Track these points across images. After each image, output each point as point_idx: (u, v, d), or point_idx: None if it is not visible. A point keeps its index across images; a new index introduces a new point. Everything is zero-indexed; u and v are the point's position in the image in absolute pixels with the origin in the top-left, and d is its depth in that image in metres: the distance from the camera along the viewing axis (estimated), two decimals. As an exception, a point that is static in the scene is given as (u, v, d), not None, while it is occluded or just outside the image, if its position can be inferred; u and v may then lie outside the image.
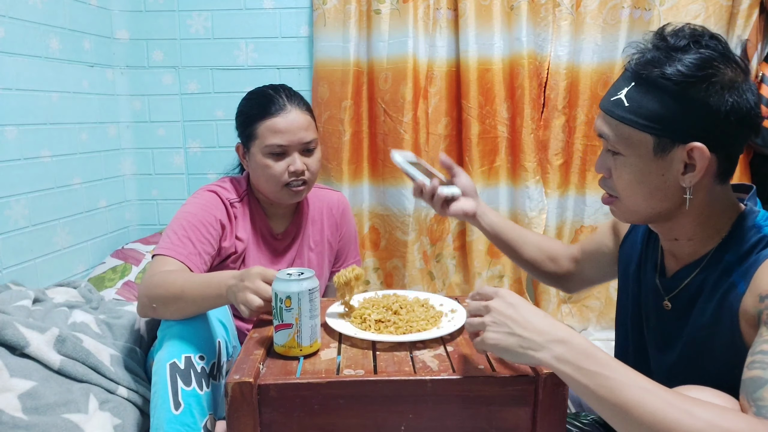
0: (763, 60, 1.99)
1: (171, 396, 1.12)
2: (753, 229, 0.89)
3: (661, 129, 0.86)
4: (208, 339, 1.18)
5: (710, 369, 0.94)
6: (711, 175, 0.89)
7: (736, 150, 0.89)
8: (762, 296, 0.82)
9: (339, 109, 2.13)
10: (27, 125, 1.73)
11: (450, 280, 2.28)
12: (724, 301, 0.89)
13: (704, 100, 0.83)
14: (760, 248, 0.87)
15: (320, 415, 0.88)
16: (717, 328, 0.91)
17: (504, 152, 2.14)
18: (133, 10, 2.19)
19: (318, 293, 0.98)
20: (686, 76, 0.83)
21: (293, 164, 1.39)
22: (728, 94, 0.83)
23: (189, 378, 1.13)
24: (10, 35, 1.66)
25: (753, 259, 0.87)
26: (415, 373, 0.90)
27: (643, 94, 0.88)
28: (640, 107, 0.88)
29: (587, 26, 2.05)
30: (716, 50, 0.85)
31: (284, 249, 1.53)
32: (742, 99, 0.84)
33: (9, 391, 1.10)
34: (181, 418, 1.11)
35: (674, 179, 0.89)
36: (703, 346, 0.94)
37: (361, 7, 2.10)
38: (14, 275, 1.66)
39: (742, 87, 0.84)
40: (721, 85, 0.83)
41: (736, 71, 0.85)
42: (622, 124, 0.90)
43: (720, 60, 0.84)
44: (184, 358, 1.14)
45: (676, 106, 0.85)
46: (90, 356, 1.26)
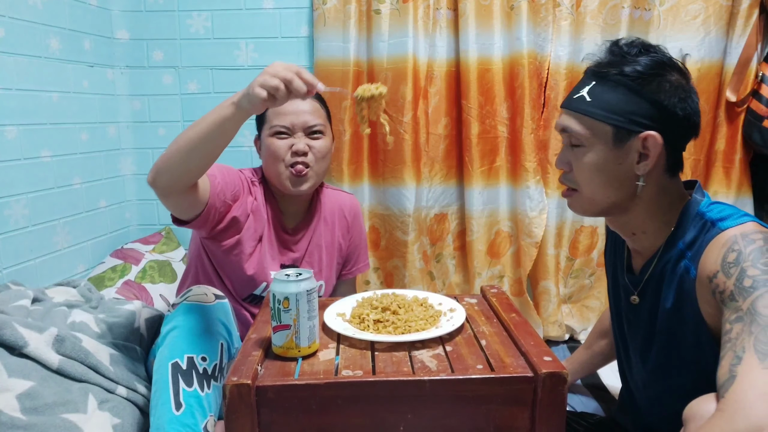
0: (763, 60, 1.98)
1: (172, 396, 1.12)
2: (697, 216, 0.98)
3: (620, 119, 0.97)
4: (210, 340, 1.19)
5: (685, 354, 0.99)
6: (661, 167, 0.99)
7: (681, 145, 1.00)
8: (710, 277, 0.90)
9: (339, 109, 2.13)
10: (27, 125, 1.73)
11: (450, 280, 2.27)
12: (682, 287, 0.97)
13: (656, 96, 0.95)
14: (705, 232, 0.95)
15: (319, 416, 0.88)
16: (682, 314, 0.97)
17: (504, 152, 2.14)
18: (133, 10, 2.19)
19: (316, 294, 0.98)
20: (641, 73, 0.96)
21: (296, 143, 1.42)
22: (676, 93, 0.96)
23: (191, 379, 1.14)
24: (10, 35, 1.66)
25: (699, 243, 0.95)
26: (413, 374, 0.90)
27: (603, 90, 0.99)
28: (601, 101, 0.98)
29: (587, 26, 2.05)
30: (665, 58, 0.98)
31: (293, 244, 1.54)
32: (688, 98, 0.97)
33: (7, 391, 1.10)
34: (182, 418, 1.11)
35: (630, 168, 0.99)
36: (674, 333, 1.00)
37: (361, 7, 2.10)
38: (14, 275, 1.66)
39: (687, 89, 0.97)
40: (670, 85, 0.96)
41: (681, 75, 0.98)
42: (585, 116, 1.00)
43: (668, 65, 0.97)
44: (186, 358, 1.15)
45: (633, 100, 0.96)
46: (89, 356, 1.25)
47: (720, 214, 0.95)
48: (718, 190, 2.10)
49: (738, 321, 0.81)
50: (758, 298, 0.80)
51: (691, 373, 0.99)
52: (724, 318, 0.84)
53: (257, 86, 1.06)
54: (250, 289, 1.48)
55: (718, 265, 0.89)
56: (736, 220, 0.92)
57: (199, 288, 1.28)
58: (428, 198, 2.20)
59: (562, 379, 0.87)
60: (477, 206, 2.15)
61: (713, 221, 0.95)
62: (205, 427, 1.13)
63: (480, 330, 1.09)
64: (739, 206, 2.01)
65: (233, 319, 1.28)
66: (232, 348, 1.25)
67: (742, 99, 2.01)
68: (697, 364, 0.96)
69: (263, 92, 1.05)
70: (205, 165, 1.19)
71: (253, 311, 1.51)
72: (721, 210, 0.96)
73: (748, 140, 2.02)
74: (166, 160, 1.16)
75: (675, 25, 2.00)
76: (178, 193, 1.21)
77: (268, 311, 1.00)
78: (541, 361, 0.90)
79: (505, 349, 1.00)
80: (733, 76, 2.00)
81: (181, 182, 1.18)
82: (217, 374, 1.18)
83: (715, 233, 0.92)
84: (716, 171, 2.10)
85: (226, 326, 1.23)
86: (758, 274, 0.83)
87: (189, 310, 1.21)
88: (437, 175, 2.19)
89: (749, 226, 0.90)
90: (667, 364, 1.03)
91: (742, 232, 0.89)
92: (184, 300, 1.24)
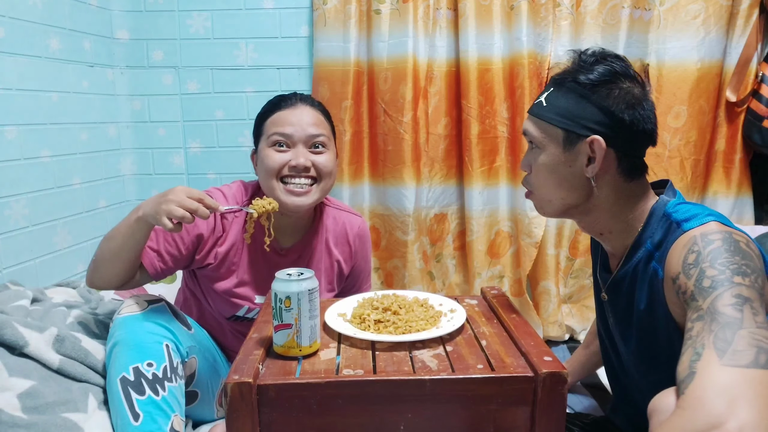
0: (763, 60, 1.99)
1: (128, 409, 1.13)
2: (664, 216, 1.01)
3: (569, 123, 1.01)
4: (152, 345, 1.18)
5: (661, 352, 1.01)
6: (614, 171, 1.02)
7: (635, 151, 1.03)
8: (674, 278, 0.92)
9: (339, 109, 2.13)
10: (27, 125, 1.73)
11: (450, 280, 2.28)
12: (652, 289, 0.99)
13: (605, 102, 0.99)
14: (670, 233, 0.97)
15: (319, 415, 0.88)
16: (654, 314, 1.00)
17: (504, 152, 2.14)
18: (133, 10, 2.19)
19: (318, 294, 0.98)
20: (592, 81, 1.00)
21: (295, 158, 1.31)
22: (624, 100, 0.99)
23: (141, 387, 1.14)
24: (10, 35, 1.66)
25: (665, 244, 0.97)
26: (414, 373, 0.90)
27: (558, 96, 1.04)
28: (555, 106, 1.04)
29: (587, 26, 2.05)
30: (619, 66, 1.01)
31: (286, 265, 1.40)
32: (638, 106, 1.00)
33: (8, 390, 1.10)
34: (142, 427, 1.12)
35: (580, 170, 1.02)
36: (648, 332, 1.02)
37: (361, 7, 2.10)
38: (14, 275, 1.66)
39: (638, 98, 1.00)
40: (620, 92, 0.99)
41: (634, 85, 1.01)
42: (539, 120, 1.06)
43: (621, 74, 1.01)
44: (132, 369, 1.15)
45: (582, 105, 1.01)
46: (89, 356, 1.26)
47: (685, 215, 0.97)
48: (718, 190, 2.10)
49: (699, 320, 0.82)
50: (717, 298, 0.82)
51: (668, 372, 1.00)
52: (687, 317, 0.86)
53: (163, 215, 1.12)
54: (232, 310, 1.43)
55: (680, 267, 0.90)
56: (701, 220, 0.94)
57: (130, 299, 1.26)
58: (428, 198, 2.20)
59: (562, 379, 0.87)
60: (477, 206, 2.15)
61: (678, 222, 0.96)
62: (171, 427, 1.14)
63: (480, 330, 1.09)
64: (739, 206, 2.07)
65: (174, 318, 1.25)
66: (180, 346, 1.23)
67: (742, 99, 2.01)
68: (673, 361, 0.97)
69: (169, 223, 1.13)
70: (130, 267, 1.28)
71: (240, 329, 1.47)
72: (687, 210, 0.98)
73: (748, 140, 2.02)
74: (95, 267, 1.28)
75: (675, 25, 2.00)
76: (118, 287, 1.31)
77: (270, 311, 1.00)
78: (541, 361, 0.90)
79: (506, 349, 1.00)
80: (733, 76, 2.00)
81: (115, 281, 1.29)
82: (170, 375, 1.18)
83: (678, 234, 0.94)
84: (716, 171, 2.10)
85: (166, 327, 1.21)
86: (716, 274, 0.84)
87: (123, 324, 1.20)
88: (437, 175, 2.19)
89: (711, 226, 0.92)
90: (646, 361, 1.06)
91: (702, 233, 0.91)
92: (117, 315, 1.23)
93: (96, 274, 1.28)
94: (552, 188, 1.07)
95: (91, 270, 1.29)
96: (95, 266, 1.28)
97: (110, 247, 1.24)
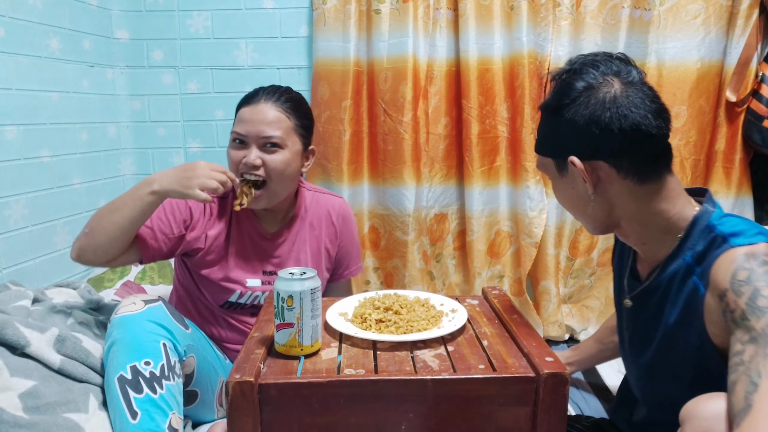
0: (763, 60, 1.99)
1: (126, 407, 1.13)
2: (706, 229, 0.94)
3: (551, 150, 1.02)
4: (149, 343, 1.18)
5: (686, 369, 0.97)
6: (618, 179, 0.96)
7: (630, 152, 0.94)
8: (720, 296, 0.86)
9: (339, 109, 2.13)
10: (27, 125, 1.73)
11: (450, 280, 2.28)
12: (689, 304, 0.93)
13: (568, 119, 0.96)
14: (714, 248, 0.91)
15: (321, 415, 0.88)
16: (685, 330, 0.95)
17: (504, 152, 2.14)
18: (133, 10, 2.19)
19: (320, 293, 0.98)
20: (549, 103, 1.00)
21: (248, 156, 1.36)
22: (595, 109, 0.93)
23: (139, 385, 1.15)
24: (10, 35, 1.66)
25: (708, 259, 0.91)
26: (415, 373, 0.90)
27: (542, 125, 1.05)
28: (540, 137, 1.05)
29: (587, 26, 2.05)
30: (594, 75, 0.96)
31: (273, 250, 1.50)
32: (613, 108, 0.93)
33: (10, 390, 1.10)
34: (140, 425, 1.12)
35: (583, 191, 1.00)
36: (674, 346, 0.98)
37: (361, 6, 2.10)
38: (14, 275, 1.65)
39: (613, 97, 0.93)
40: (588, 102, 0.94)
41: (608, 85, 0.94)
42: (538, 154, 1.07)
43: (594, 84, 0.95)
44: (129, 368, 1.16)
45: (556, 128, 1.00)
46: (90, 356, 1.26)
47: (732, 229, 0.91)
48: (718, 190, 2.10)
49: (751, 342, 0.77)
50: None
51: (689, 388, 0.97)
52: (735, 338, 0.81)
53: (196, 188, 1.20)
54: (225, 296, 1.45)
55: (727, 283, 0.85)
56: (750, 238, 0.88)
57: (127, 299, 1.27)
58: (428, 198, 2.20)
59: (563, 379, 0.87)
60: (477, 206, 2.15)
61: (725, 236, 0.90)
62: (169, 425, 1.14)
63: (482, 330, 1.09)
64: (739, 206, 2.07)
65: (171, 317, 1.26)
66: (178, 345, 1.24)
67: (742, 99, 2.01)
68: (700, 379, 0.94)
69: (202, 194, 1.21)
70: (128, 241, 1.30)
71: (236, 317, 1.49)
72: (734, 224, 0.92)
73: (748, 140, 2.02)
74: (89, 241, 1.28)
75: (675, 25, 2.00)
76: (107, 263, 1.32)
77: (272, 310, 1.00)
78: (543, 362, 0.90)
79: (507, 349, 1.00)
80: (733, 76, 2.01)
81: (108, 256, 1.30)
82: (167, 373, 1.18)
83: (724, 249, 0.88)
84: (716, 171, 2.10)
85: (163, 326, 1.22)
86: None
87: (120, 324, 1.20)
88: (437, 175, 2.19)
89: (761, 247, 0.86)
90: (666, 375, 1.02)
91: (753, 252, 0.85)
92: (115, 314, 1.24)
93: (89, 248, 1.27)
94: (577, 215, 1.06)
95: (83, 243, 1.28)
96: (89, 239, 1.26)
97: (114, 220, 1.25)
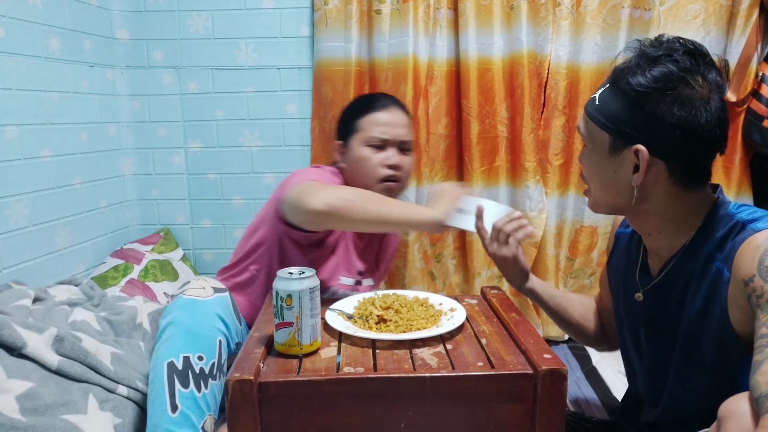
0: (763, 60, 1.99)
1: (168, 398, 1.11)
2: (726, 216, 0.95)
3: (616, 129, 0.95)
4: (208, 338, 1.17)
5: (708, 358, 0.96)
6: (665, 180, 0.95)
7: (691, 161, 0.94)
8: (745, 281, 0.86)
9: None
10: (27, 125, 1.73)
11: (450, 280, 2.28)
12: (713, 290, 0.93)
13: (653, 110, 0.91)
14: (735, 234, 0.91)
15: (320, 413, 0.89)
16: (707, 318, 0.94)
17: (504, 152, 2.14)
18: (133, 10, 2.20)
19: (319, 292, 0.98)
20: (644, 86, 0.92)
21: (391, 158, 1.43)
22: (679, 108, 0.90)
23: (187, 379, 1.13)
24: (10, 35, 1.66)
25: (730, 245, 0.91)
26: (414, 371, 0.91)
27: (610, 96, 0.97)
28: (605, 107, 0.97)
29: (587, 26, 2.05)
30: (682, 68, 0.91)
31: (362, 251, 1.55)
32: (693, 114, 0.90)
33: (7, 392, 1.09)
34: (177, 420, 1.11)
35: (626, 177, 0.97)
36: (699, 337, 0.97)
37: (362, 7, 2.10)
38: (15, 275, 1.65)
39: (698, 104, 0.90)
40: (674, 99, 0.90)
41: (695, 89, 0.91)
42: (589, 120, 1.00)
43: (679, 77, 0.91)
44: (182, 358, 1.14)
45: (632, 111, 0.93)
46: (89, 355, 1.25)
47: (752, 215, 0.91)
48: (718, 190, 2.10)
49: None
50: None
51: (709, 379, 0.96)
52: (760, 322, 0.80)
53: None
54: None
55: (755, 269, 0.84)
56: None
57: (197, 281, 1.25)
58: (428, 198, 2.20)
59: (561, 376, 0.88)
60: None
61: (744, 222, 0.91)
62: (203, 426, 1.13)
63: (480, 329, 1.10)
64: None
65: (233, 312, 1.25)
66: (231, 344, 1.23)
67: (742, 99, 2.01)
68: (720, 368, 0.93)
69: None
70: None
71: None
72: (752, 212, 0.93)
73: (748, 140, 2.02)
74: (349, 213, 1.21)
75: (675, 25, 2.00)
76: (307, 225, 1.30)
77: (271, 309, 1.00)
78: (541, 359, 0.90)
79: (505, 347, 1.00)
80: (733, 75, 2.01)
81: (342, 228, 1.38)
82: (215, 372, 1.17)
83: (747, 234, 0.88)
84: (716, 171, 2.10)
85: (224, 321, 1.21)
86: None
87: (185, 305, 1.19)
88: (437, 174, 2.19)
89: None
90: (686, 368, 1.01)
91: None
92: (181, 293, 1.22)
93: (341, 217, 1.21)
94: (599, 190, 1.03)
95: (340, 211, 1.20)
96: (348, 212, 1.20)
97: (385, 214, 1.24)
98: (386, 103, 1.48)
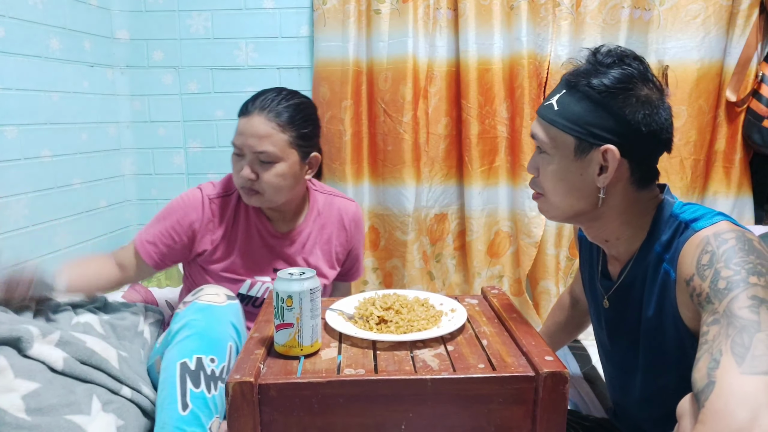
0: (763, 60, 1.99)
1: (179, 396, 1.12)
2: (671, 218, 0.98)
3: (582, 132, 0.96)
4: (220, 341, 1.19)
5: (669, 357, 0.99)
6: (626, 180, 0.98)
7: (649, 160, 0.99)
8: (687, 280, 0.89)
9: (339, 109, 2.13)
10: (27, 125, 1.73)
11: (450, 280, 2.28)
12: (664, 291, 0.96)
13: (621, 110, 0.94)
14: (679, 234, 0.95)
15: (321, 415, 0.88)
16: (662, 318, 0.97)
17: (504, 152, 2.14)
18: (133, 10, 2.19)
19: (319, 293, 0.98)
20: (608, 87, 0.94)
21: (243, 169, 1.37)
22: (642, 108, 0.94)
23: (198, 380, 1.14)
24: (10, 35, 1.66)
25: (675, 245, 0.94)
26: (415, 373, 0.90)
27: (571, 100, 0.98)
28: (567, 111, 0.98)
29: (587, 26, 2.05)
30: (638, 70, 0.96)
31: (284, 248, 1.52)
32: (655, 114, 0.94)
33: (13, 391, 1.09)
34: (187, 419, 1.12)
35: (591, 179, 0.98)
36: (657, 337, 0.99)
37: (361, 7, 2.10)
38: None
39: (656, 104, 0.95)
40: (637, 99, 0.94)
41: (652, 90, 0.95)
42: (550, 125, 1.00)
43: (639, 78, 0.95)
44: (195, 359, 1.15)
45: (597, 113, 0.95)
46: (93, 356, 1.25)
47: (693, 215, 0.94)
48: (718, 190, 2.10)
49: (714, 323, 0.79)
50: (733, 300, 0.79)
51: (676, 374, 0.98)
52: (702, 320, 0.83)
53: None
54: (234, 287, 1.47)
55: (694, 268, 0.88)
56: (710, 219, 0.91)
57: (211, 288, 1.27)
58: (428, 198, 2.20)
59: (563, 378, 0.87)
60: (477, 206, 2.15)
61: (686, 222, 0.94)
62: (210, 428, 1.14)
63: (481, 330, 1.09)
64: (739, 206, 2.07)
65: (243, 320, 1.28)
66: (240, 348, 1.24)
67: (742, 99, 2.01)
68: (681, 366, 0.94)
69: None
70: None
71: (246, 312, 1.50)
72: (694, 210, 0.96)
73: (748, 140, 2.02)
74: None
75: (675, 25, 2.00)
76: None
77: (271, 310, 1.00)
78: (542, 361, 0.90)
79: (507, 348, 1.00)
80: (733, 76, 2.01)
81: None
82: (225, 376, 1.18)
83: (689, 234, 0.92)
84: (716, 171, 2.10)
85: (236, 328, 1.22)
86: (731, 274, 0.81)
87: (200, 310, 1.21)
88: (437, 175, 2.19)
89: (722, 226, 0.89)
90: (653, 367, 1.03)
91: (714, 232, 0.88)
92: (196, 299, 1.24)
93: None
94: (561, 195, 1.02)
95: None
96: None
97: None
98: (249, 109, 1.39)
